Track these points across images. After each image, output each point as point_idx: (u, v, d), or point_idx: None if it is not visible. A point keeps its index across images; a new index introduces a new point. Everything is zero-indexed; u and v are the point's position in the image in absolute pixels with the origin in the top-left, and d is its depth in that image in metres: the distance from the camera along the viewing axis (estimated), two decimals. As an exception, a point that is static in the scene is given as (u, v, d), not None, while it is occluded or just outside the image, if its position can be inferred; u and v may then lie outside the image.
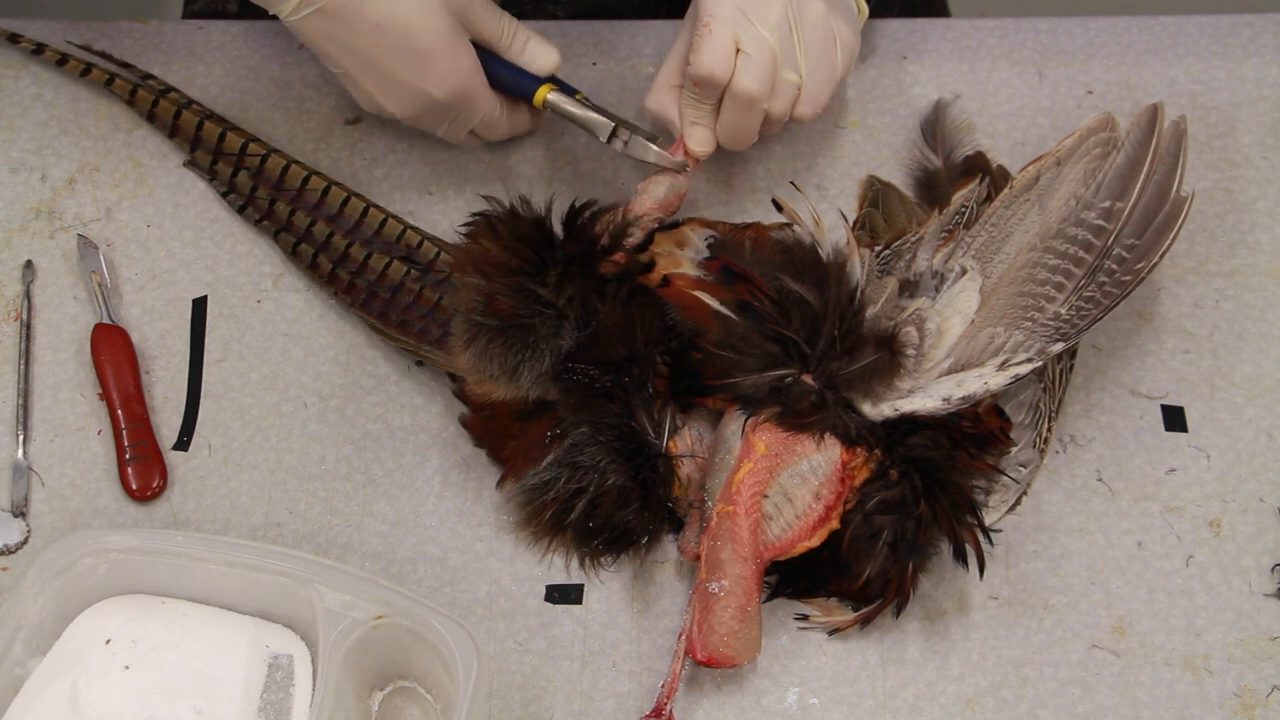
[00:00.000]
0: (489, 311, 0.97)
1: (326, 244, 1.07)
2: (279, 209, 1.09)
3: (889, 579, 0.94)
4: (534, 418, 0.98)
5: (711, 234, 1.03)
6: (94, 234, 1.10)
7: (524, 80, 1.06)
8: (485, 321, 0.97)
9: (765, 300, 0.97)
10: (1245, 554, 1.00)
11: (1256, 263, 1.10)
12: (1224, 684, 0.96)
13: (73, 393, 1.05)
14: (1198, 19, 1.19)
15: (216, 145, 1.11)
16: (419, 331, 1.04)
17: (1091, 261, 0.97)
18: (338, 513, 1.02)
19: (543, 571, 1.00)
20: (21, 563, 0.99)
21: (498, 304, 0.96)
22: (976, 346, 0.96)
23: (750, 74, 1.01)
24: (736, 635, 0.93)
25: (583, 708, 0.96)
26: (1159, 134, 1.01)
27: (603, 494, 0.96)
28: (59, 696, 0.88)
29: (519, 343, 0.96)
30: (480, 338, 0.97)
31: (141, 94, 1.13)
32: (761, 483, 0.95)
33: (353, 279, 1.06)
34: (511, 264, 0.97)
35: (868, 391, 0.95)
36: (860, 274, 0.98)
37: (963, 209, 1.04)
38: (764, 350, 0.96)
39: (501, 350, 0.96)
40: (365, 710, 0.93)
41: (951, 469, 0.95)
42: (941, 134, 1.14)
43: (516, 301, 0.96)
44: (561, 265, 0.97)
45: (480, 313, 0.97)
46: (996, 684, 0.96)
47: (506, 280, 0.97)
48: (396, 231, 1.07)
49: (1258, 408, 1.05)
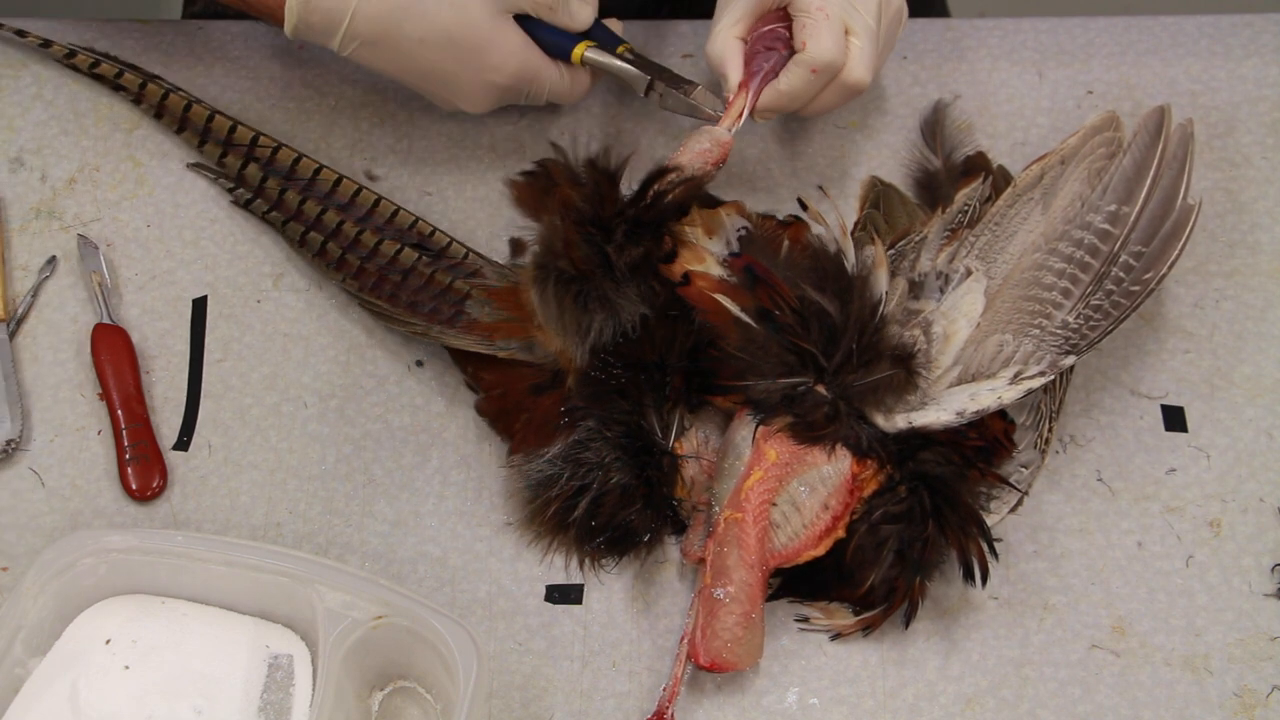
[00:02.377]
0: (569, 259, 0.98)
1: (337, 231, 1.07)
2: (289, 198, 1.09)
3: (893, 587, 0.95)
4: (547, 391, 0.99)
5: (745, 225, 1.02)
6: (94, 234, 1.10)
7: (562, 40, 1.06)
8: (563, 267, 0.98)
9: (786, 309, 0.96)
10: (1245, 554, 1.00)
11: (1256, 263, 1.10)
12: (1224, 684, 0.96)
13: (73, 393, 1.05)
14: (1198, 19, 1.19)
15: (227, 137, 1.12)
16: (429, 311, 1.03)
17: (1098, 267, 0.97)
18: (338, 513, 1.02)
19: (543, 571, 1.00)
20: (21, 563, 0.99)
21: (573, 250, 0.98)
22: (985, 355, 0.96)
23: (863, 63, 1.02)
24: (740, 641, 0.93)
25: (583, 708, 0.96)
26: (1166, 137, 1.00)
27: (606, 492, 0.96)
28: (59, 696, 0.88)
29: (585, 295, 0.97)
30: (549, 281, 0.98)
31: (151, 88, 1.14)
32: (771, 490, 0.94)
33: (362, 263, 1.06)
34: (588, 211, 0.99)
35: (880, 404, 0.95)
36: (885, 288, 0.98)
37: (965, 208, 1.04)
38: (781, 359, 0.96)
39: (567, 298, 0.98)
40: (365, 710, 0.93)
41: (961, 487, 0.95)
42: (941, 134, 1.14)
43: (589, 252, 0.98)
44: (629, 224, 0.98)
45: (561, 259, 0.98)
46: (996, 684, 0.96)
47: (580, 228, 0.98)
48: (408, 221, 1.07)
49: (1258, 408, 1.05)
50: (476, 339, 1.01)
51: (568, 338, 0.98)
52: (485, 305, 1.02)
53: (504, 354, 1.01)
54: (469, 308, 1.02)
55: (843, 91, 1.04)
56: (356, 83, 1.16)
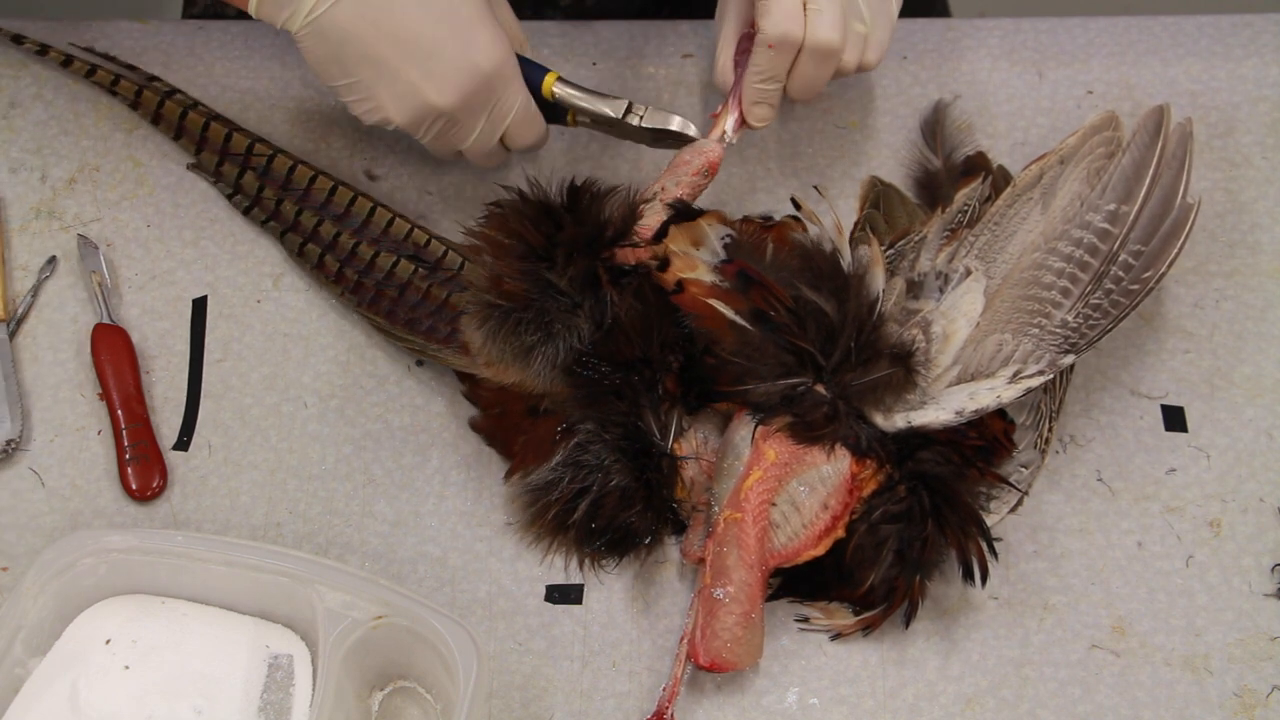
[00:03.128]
0: (500, 293, 0.97)
1: (333, 243, 1.07)
2: (285, 209, 1.09)
3: (893, 586, 0.94)
4: (545, 414, 0.99)
5: (729, 233, 1.01)
6: (94, 234, 1.10)
7: (532, 70, 1.04)
8: (496, 302, 0.97)
9: (781, 310, 0.96)
10: (1245, 554, 1.00)
11: (1256, 263, 1.10)
12: (1224, 684, 0.96)
13: (73, 393, 1.05)
14: (1198, 19, 1.19)
15: (222, 145, 1.11)
16: (427, 330, 1.03)
17: (1098, 267, 0.97)
18: (338, 513, 1.02)
19: (543, 571, 1.00)
20: (22, 563, 0.99)
21: (506, 285, 0.96)
22: (985, 354, 0.96)
23: (825, 24, 1.00)
24: (740, 641, 0.93)
25: (583, 708, 0.96)
26: (1165, 136, 1.00)
27: (606, 494, 0.96)
28: (59, 696, 0.88)
29: (531, 325, 0.96)
30: (491, 319, 0.97)
31: (147, 95, 1.13)
32: (770, 490, 0.94)
33: (360, 278, 1.06)
34: (518, 246, 0.97)
35: (879, 403, 0.95)
36: (881, 286, 0.98)
37: (965, 208, 1.04)
38: (778, 359, 0.96)
39: (512, 332, 0.96)
40: (365, 710, 0.93)
41: (960, 486, 0.95)
42: (942, 134, 1.14)
43: (526, 283, 0.96)
44: (566, 247, 0.97)
45: (491, 293, 0.97)
46: (996, 684, 0.96)
47: (515, 262, 0.97)
48: (404, 230, 1.07)
49: (1258, 408, 1.05)
50: (472, 360, 1.01)
51: (521, 369, 0.98)
52: None
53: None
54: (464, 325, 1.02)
55: (817, 58, 1.01)
56: (356, 83, 1.16)
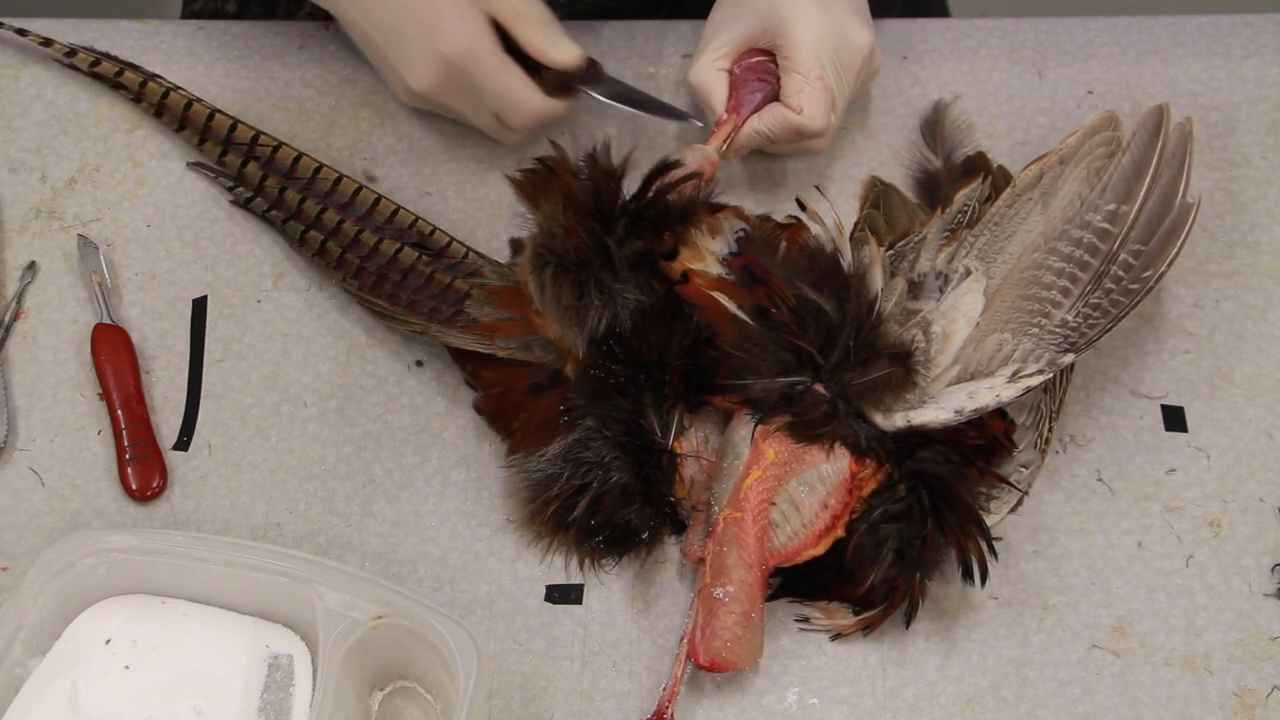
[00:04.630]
0: (562, 243, 0.99)
1: (337, 230, 1.07)
2: (289, 196, 1.09)
3: (893, 586, 0.95)
4: (546, 391, 0.99)
5: (744, 228, 1.03)
6: (94, 234, 1.10)
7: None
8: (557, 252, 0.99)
9: (783, 307, 0.96)
10: (1245, 554, 1.00)
11: (1256, 263, 1.10)
12: (1224, 684, 0.96)
13: (73, 393, 1.05)
14: (1198, 19, 1.19)
15: (227, 136, 1.12)
16: (429, 311, 1.03)
17: (1098, 266, 0.97)
18: (338, 513, 1.02)
19: (543, 571, 1.00)
20: (22, 563, 0.99)
21: (573, 237, 0.99)
22: (984, 354, 0.96)
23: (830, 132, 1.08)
24: (740, 641, 0.93)
25: (583, 708, 0.96)
26: (1165, 136, 1.00)
27: (606, 491, 0.96)
28: (59, 696, 0.88)
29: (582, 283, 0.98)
30: (547, 266, 0.99)
31: (151, 87, 1.14)
32: (770, 490, 0.94)
33: (362, 262, 1.06)
34: (589, 203, 0.99)
35: (879, 402, 0.95)
36: (880, 286, 0.98)
37: (965, 208, 1.04)
38: (778, 357, 0.96)
39: (565, 284, 0.99)
40: (365, 710, 0.93)
41: (960, 485, 0.95)
42: (942, 134, 1.14)
43: (585, 241, 0.99)
44: (631, 218, 0.99)
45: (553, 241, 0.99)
46: (996, 684, 0.96)
47: (581, 218, 0.99)
48: (408, 220, 1.07)
49: (1258, 408, 1.05)
50: (476, 338, 1.01)
51: (566, 325, 0.99)
52: (485, 304, 1.02)
53: (503, 353, 1.01)
54: (469, 307, 1.02)
55: (801, 147, 1.10)
56: (356, 83, 1.16)
